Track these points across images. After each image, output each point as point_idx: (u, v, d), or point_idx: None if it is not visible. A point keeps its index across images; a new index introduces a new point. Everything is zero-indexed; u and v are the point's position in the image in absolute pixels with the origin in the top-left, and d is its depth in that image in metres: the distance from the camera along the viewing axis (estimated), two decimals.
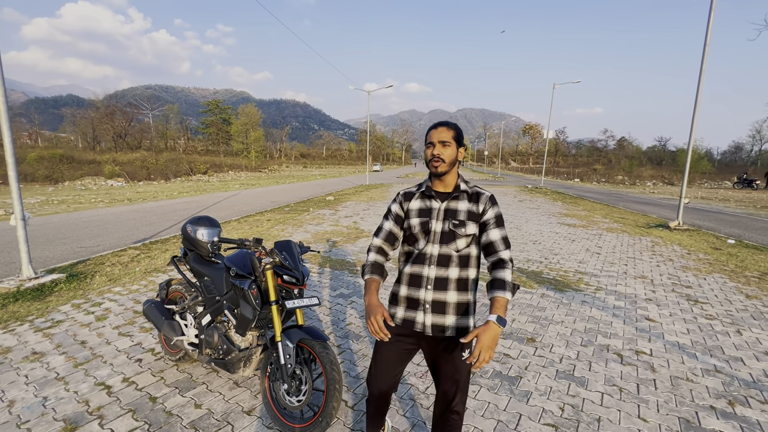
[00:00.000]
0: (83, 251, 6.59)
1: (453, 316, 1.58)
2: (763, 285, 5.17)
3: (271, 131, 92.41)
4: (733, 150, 76.60)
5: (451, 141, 1.56)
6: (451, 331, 1.58)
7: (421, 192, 1.68)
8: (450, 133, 1.56)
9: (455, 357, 1.60)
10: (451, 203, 1.61)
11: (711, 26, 8.95)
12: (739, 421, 2.38)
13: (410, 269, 1.63)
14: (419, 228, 1.62)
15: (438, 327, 1.59)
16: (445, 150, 1.55)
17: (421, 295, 1.60)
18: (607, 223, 10.48)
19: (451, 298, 1.58)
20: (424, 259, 1.60)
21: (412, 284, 1.63)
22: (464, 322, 1.60)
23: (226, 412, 2.40)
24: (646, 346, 3.35)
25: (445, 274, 1.58)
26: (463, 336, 1.58)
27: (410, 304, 1.63)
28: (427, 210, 1.63)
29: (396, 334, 1.66)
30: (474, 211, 1.59)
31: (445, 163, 1.56)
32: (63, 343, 3.25)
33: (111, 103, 59.67)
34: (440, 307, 1.58)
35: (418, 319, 1.61)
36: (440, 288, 1.58)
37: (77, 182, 25.33)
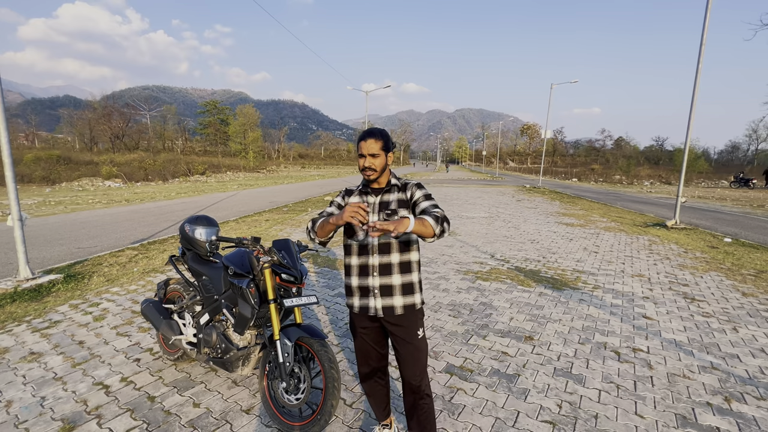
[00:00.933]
0: (81, 252, 6.58)
1: (400, 297, 1.76)
2: (759, 283, 5.20)
3: (270, 132, 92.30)
4: (729, 149, 76.90)
5: (379, 152, 1.71)
6: (400, 310, 1.76)
7: (359, 189, 1.88)
8: (378, 144, 1.71)
9: (411, 335, 1.78)
10: (384, 196, 1.80)
11: (707, 26, 9.00)
12: (735, 417, 2.40)
13: (358, 261, 1.81)
14: None
15: (388, 308, 1.76)
16: (375, 160, 1.71)
17: (370, 283, 1.77)
18: (605, 222, 10.51)
19: (396, 281, 1.76)
20: (367, 249, 1.77)
21: (361, 274, 1.80)
22: (411, 300, 1.78)
23: (224, 410, 2.40)
24: (643, 344, 3.37)
25: (387, 260, 1.75)
26: (412, 313, 1.78)
27: (362, 293, 1.81)
28: (365, 204, 1.75)
29: (362, 325, 1.87)
30: (404, 198, 1.77)
31: (376, 171, 1.73)
32: (61, 343, 3.24)
33: (108, 104, 59.35)
34: (388, 290, 1.76)
35: (371, 305, 1.78)
36: (385, 273, 1.76)
37: (74, 183, 25.24)
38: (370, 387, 2.00)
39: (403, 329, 1.79)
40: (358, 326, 1.89)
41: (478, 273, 5.40)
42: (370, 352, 1.92)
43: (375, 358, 1.94)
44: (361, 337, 1.90)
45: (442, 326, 3.64)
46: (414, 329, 1.80)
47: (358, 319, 1.88)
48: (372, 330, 1.87)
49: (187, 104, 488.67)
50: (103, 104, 58.51)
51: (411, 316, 1.79)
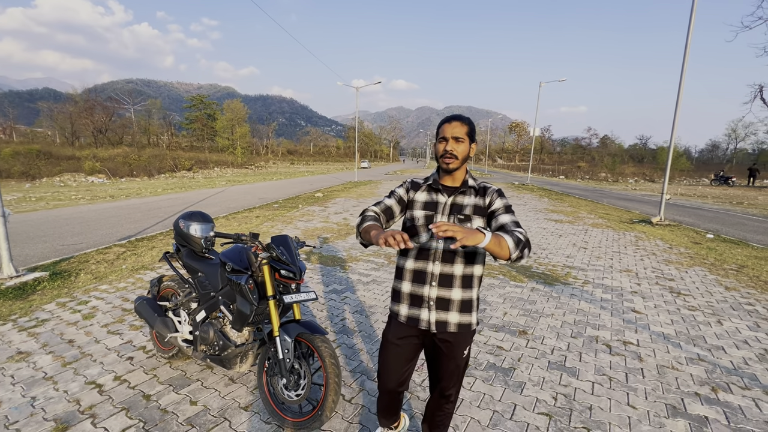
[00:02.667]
0: (65, 249, 6.41)
1: (456, 313, 1.57)
2: (741, 277, 5.37)
3: (258, 127, 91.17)
4: (710, 148, 79.08)
5: (464, 137, 1.51)
6: (454, 327, 1.57)
7: (428, 185, 1.64)
8: (464, 128, 1.51)
9: (457, 354, 1.62)
10: (458, 198, 1.58)
11: (692, 29, 9.20)
12: (722, 406, 2.49)
13: (413, 265, 1.59)
14: (423, 221, 1.58)
15: (441, 323, 1.57)
16: (459, 146, 1.51)
17: (426, 292, 1.56)
18: (593, 218, 10.71)
19: (455, 295, 1.56)
20: (428, 254, 1.56)
21: (415, 280, 1.59)
22: (467, 318, 1.59)
23: (222, 408, 2.38)
24: (633, 337, 3.45)
25: (450, 271, 1.55)
26: (467, 332, 1.60)
27: (414, 301, 1.60)
28: (433, 203, 1.60)
29: (400, 336, 1.65)
30: (480, 204, 1.56)
31: (458, 159, 1.52)
32: (49, 342, 3.16)
33: (90, 97, 57.70)
34: (444, 304, 1.56)
35: (423, 317, 1.58)
36: (445, 285, 1.55)
37: (56, 179, 24.54)
38: (387, 404, 1.82)
39: (450, 346, 1.60)
40: (395, 336, 1.67)
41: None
42: (399, 368, 1.70)
43: (403, 374, 1.72)
44: (394, 349, 1.67)
45: None
46: (462, 348, 1.61)
47: (399, 329, 1.65)
48: (410, 344, 1.66)
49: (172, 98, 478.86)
50: (84, 97, 56.89)
51: (465, 335, 1.60)
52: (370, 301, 4.15)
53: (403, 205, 1.66)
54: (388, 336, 1.69)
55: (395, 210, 1.65)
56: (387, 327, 1.73)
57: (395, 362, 1.68)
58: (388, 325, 1.72)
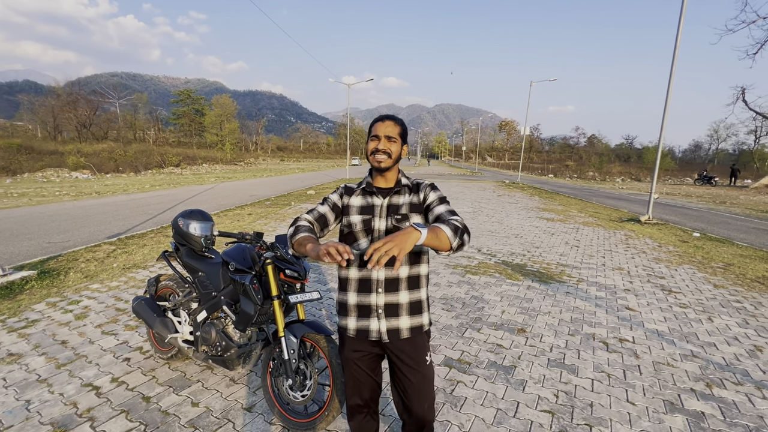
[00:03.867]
0: (52, 247, 6.24)
1: (407, 317, 1.51)
2: (728, 275, 5.52)
3: (247, 123, 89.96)
4: (693, 148, 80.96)
5: (397, 137, 1.49)
6: (407, 333, 1.51)
7: (362, 188, 1.59)
8: (397, 128, 1.49)
9: (420, 362, 1.53)
10: (393, 198, 1.54)
11: (680, 33, 9.37)
12: (717, 401, 2.55)
13: (358, 274, 1.51)
14: (360, 226, 1.52)
15: (393, 331, 1.51)
16: (392, 145, 1.49)
17: (373, 300, 1.49)
18: (583, 217, 10.87)
19: (403, 299, 1.50)
20: None
21: (361, 290, 1.51)
22: (418, 321, 1.53)
23: (225, 409, 2.34)
24: (628, 334, 3.52)
25: (394, 274, 1.48)
26: (419, 335, 1.53)
27: (362, 312, 1.52)
28: (369, 207, 1.54)
29: (355, 349, 1.57)
30: (415, 201, 1.53)
31: (390, 158, 1.49)
32: (41, 343, 3.08)
33: (73, 91, 56.09)
34: (393, 310, 1.50)
35: (372, 327, 1.51)
36: (391, 289, 1.49)
37: (38, 174, 23.85)
38: (359, 425, 1.70)
39: (407, 355, 1.52)
40: (350, 351, 1.58)
41: (466, 267, 5.49)
42: (363, 383, 1.62)
43: (369, 389, 1.64)
44: (354, 365, 1.59)
45: (437, 320, 3.68)
46: (421, 354, 1.54)
47: (351, 343, 1.57)
48: (368, 356, 1.57)
49: (159, 93, 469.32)
50: (67, 91, 55.31)
51: (418, 339, 1.53)
52: None
53: (337, 212, 1.60)
54: (346, 353, 1.59)
55: (329, 218, 1.59)
56: (340, 344, 1.64)
57: (361, 376, 1.61)
58: (341, 342, 1.63)
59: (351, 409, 1.69)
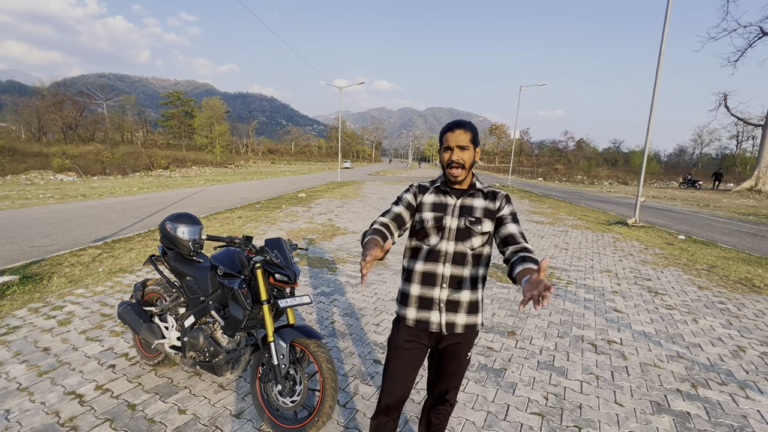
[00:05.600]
0: (35, 251, 6.09)
1: (464, 315, 1.57)
2: (712, 277, 5.64)
3: (237, 126, 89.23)
4: (677, 152, 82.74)
5: (469, 144, 1.49)
6: (461, 329, 1.57)
7: (436, 187, 1.63)
8: (468, 135, 1.49)
9: (461, 355, 1.63)
10: (467, 200, 1.57)
11: (665, 39, 9.60)
12: (702, 402, 2.60)
13: (422, 267, 1.58)
14: (432, 223, 1.56)
15: (450, 325, 1.56)
16: (464, 154, 1.49)
17: (436, 294, 1.55)
18: (572, 220, 11.02)
19: (464, 297, 1.56)
20: (438, 256, 1.55)
21: (425, 283, 1.57)
22: (473, 319, 1.59)
23: (213, 416, 2.31)
24: (616, 336, 3.57)
25: (460, 272, 1.54)
26: (471, 332, 1.61)
27: (423, 304, 1.57)
28: (442, 205, 1.58)
29: (409, 339, 1.61)
30: (490, 208, 1.57)
31: (464, 169, 1.51)
32: (22, 350, 2.99)
33: (59, 91, 55.07)
34: (454, 306, 1.55)
35: (433, 319, 1.56)
36: (455, 286, 1.54)
37: (21, 176, 23.29)
38: (381, 425, 1.73)
39: (456, 348, 1.61)
40: (403, 340, 1.62)
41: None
42: (402, 378, 1.64)
43: (403, 387, 1.66)
44: (404, 354, 1.62)
45: None
46: (466, 350, 1.63)
47: (408, 332, 1.61)
48: (419, 348, 1.63)
49: (147, 94, 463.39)
50: (53, 91, 54.31)
51: (470, 336, 1.61)
52: (360, 304, 4.13)
53: (412, 210, 1.63)
54: (397, 341, 1.64)
55: (405, 216, 1.61)
56: (393, 332, 1.68)
57: (404, 368, 1.63)
58: (394, 330, 1.67)
59: (381, 407, 1.70)
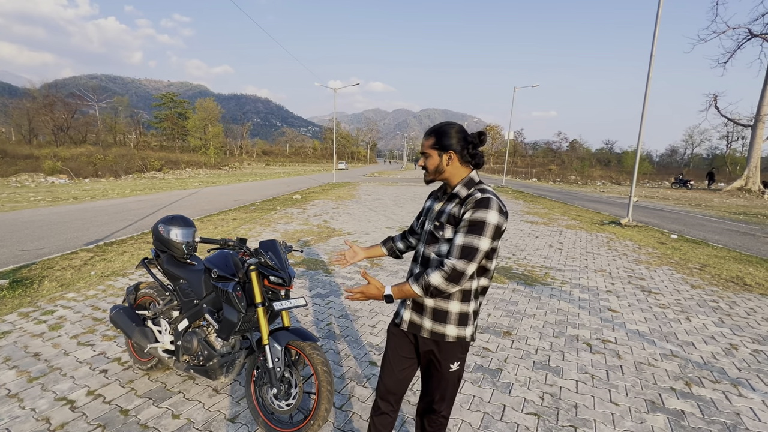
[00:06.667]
0: (26, 255, 6.00)
1: (429, 320, 1.54)
2: (704, 276, 5.70)
3: (232, 127, 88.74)
4: (669, 153, 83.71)
5: (430, 151, 1.56)
6: (427, 334, 1.55)
7: (435, 191, 1.73)
8: (429, 141, 1.56)
9: (442, 366, 1.57)
10: (444, 205, 1.56)
11: (656, 41, 9.71)
12: (696, 399, 2.62)
13: (411, 265, 1.71)
14: (419, 226, 1.77)
15: (414, 325, 1.59)
16: (427, 161, 1.58)
17: None
18: (566, 220, 11.08)
19: (427, 302, 1.53)
20: (417, 256, 1.65)
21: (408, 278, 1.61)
22: (440, 328, 1.52)
23: (207, 420, 2.28)
24: (611, 335, 3.59)
25: None
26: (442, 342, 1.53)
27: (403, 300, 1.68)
28: (429, 209, 1.69)
29: (392, 330, 1.74)
30: (455, 213, 1.48)
31: (428, 172, 1.60)
32: (12, 356, 2.94)
33: (50, 93, 54.41)
34: (418, 307, 1.58)
35: (403, 316, 1.64)
36: None
37: (12, 179, 22.98)
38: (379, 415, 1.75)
39: (430, 355, 1.59)
40: (392, 326, 1.74)
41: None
42: (394, 367, 1.70)
43: (395, 375, 1.69)
44: (391, 340, 1.73)
45: None
46: (447, 361, 1.56)
47: (393, 322, 1.74)
48: (403, 338, 1.67)
49: (140, 96, 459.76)
50: (44, 93, 53.61)
51: (444, 346, 1.55)
52: (355, 306, 4.11)
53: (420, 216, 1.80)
54: (390, 327, 1.76)
55: (415, 224, 1.82)
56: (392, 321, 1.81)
57: (392, 354, 1.72)
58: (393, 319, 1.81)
59: (380, 391, 1.75)
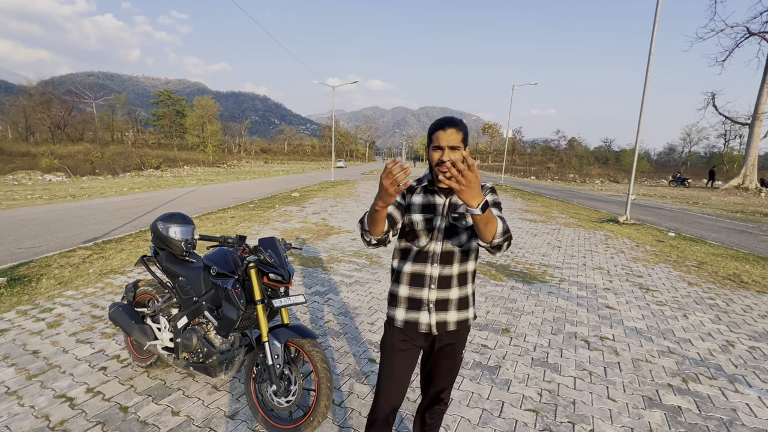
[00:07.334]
0: (23, 252, 5.98)
1: (455, 312, 1.56)
2: (702, 273, 5.73)
3: (230, 125, 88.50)
4: (667, 151, 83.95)
5: (460, 144, 1.42)
6: (453, 326, 1.57)
7: (423, 186, 1.58)
8: (460, 135, 1.42)
9: (456, 353, 1.63)
10: (455, 197, 1.53)
11: (654, 39, 9.71)
12: (692, 396, 2.64)
13: (411, 268, 1.56)
14: (422, 225, 1.54)
15: (441, 324, 1.56)
16: (455, 155, 1.41)
17: (425, 295, 1.54)
18: (564, 218, 11.11)
19: (453, 295, 1.55)
20: (427, 257, 1.54)
21: (414, 284, 1.56)
22: (464, 315, 1.59)
23: (207, 417, 2.29)
24: (608, 332, 3.61)
25: (448, 272, 1.54)
26: (464, 328, 1.60)
27: (412, 305, 1.56)
28: (431, 206, 1.55)
29: (402, 339, 1.60)
30: None
31: None
32: (11, 353, 2.94)
33: (47, 90, 54.09)
34: (443, 305, 1.55)
35: (422, 320, 1.55)
36: (444, 286, 1.54)
37: (8, 177, 22.86)
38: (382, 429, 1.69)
39: (449, 346, 1.61)
40: (397, 341, 1.60)
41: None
42: (400, 383, 1.63)
43: (398, 392, 1.64)
44: (399, 356, 1.60)
45: None
46: (461, 346, 1.63)
47: (399, 334, 1.59)
48: (411, 350, 1.61)
49: (138, 93, 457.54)
50: (40, 90, 53.30)
51: (462, 332, 1.62)
52: (354, 303, 4.12)
53: (402, 210, 1.58)
54: (393, 342, 1.61)
55: (396, 215, 1.55)
56: (386, 334, 1.66)
57: (399, 371, 1.62)
58: (387, 332, 1.65)
59: (375, 413, 1.67)
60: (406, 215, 1.59)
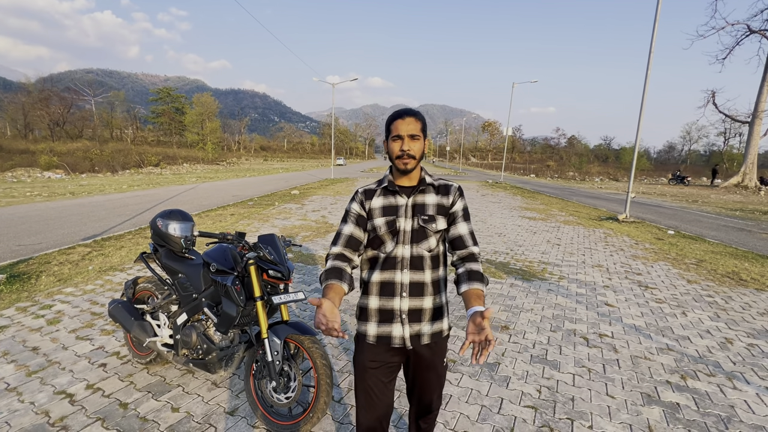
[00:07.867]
0: (23, 250, 5.98)
1: (428, 324, 1.46)
2: (701, 271, 5.73)
3: (229, 122, 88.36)
4: (667, 149, 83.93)
5: (419, 133, 1.39)
6: (428, 338, 1.47)
7: (384, 188, 1.49)
8: (419, 124, 1.39)
9: (437, 364, 1.52)
10: (418, 197, 1.46)
11: (655, 37, 9.69)
12: (691, 393, 2.64)
13: (380, 276, 1.45)
14: (385, 228, 1.44)
15: (415, 337, 1.45)
16: (415, 144, 1.38)
17: (396, 305, 1.43)
18: (564, 216, 11.12)
19: (427, 304, 1.45)
20: (395, 263, 1.43)
21: (384, 293, 1.44)
22: (439, 326, 1.49)
23: (206, 413, 2.29)
24: (607, 329, 3.61)
25: (419, 278, 1.43)
26: (439, 339, 1.51)
27: (383, 317, 1.45)
28: (393, 207, 1.45)
29: (373, 358, 1.47)
30: (443, 204, 1.46)
31: (415, 159, 1.39)
32: (10, 350, 2.94)
33: (46, 87, 53.94)
34: (416, 316, 1.44)
35: (395, 333, 1.44)
36: (416, 294, 1.43)
37: (7, 174, 22.83)
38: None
39: (427, 360, 1.49)
40: (368, 361, 1.47)
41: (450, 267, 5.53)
42: (377, 398, 1.49)
43: (383, 406, 1.52)
44: (370, 375, 1.47)
45: None
46: (439, 358, 1.51)
47: (371, 351, 1.47)
48: (387, 366, 1.48)
49: (137, 91, 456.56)
50: (39, 87, 53.16)
51: (439, 343, 1.50)
52: (353, 300, 4.12)
53: (363, 223, 1.48)
54: (363, 361, 1.48)
55: (358, 234, 1.47)
56: (357, 352, 1.52)
57: (377, 388, 1.49)
58: (357, 350, 1.52)
59: (362, 430, 1.56)
60: (368, 222, 1.49)
